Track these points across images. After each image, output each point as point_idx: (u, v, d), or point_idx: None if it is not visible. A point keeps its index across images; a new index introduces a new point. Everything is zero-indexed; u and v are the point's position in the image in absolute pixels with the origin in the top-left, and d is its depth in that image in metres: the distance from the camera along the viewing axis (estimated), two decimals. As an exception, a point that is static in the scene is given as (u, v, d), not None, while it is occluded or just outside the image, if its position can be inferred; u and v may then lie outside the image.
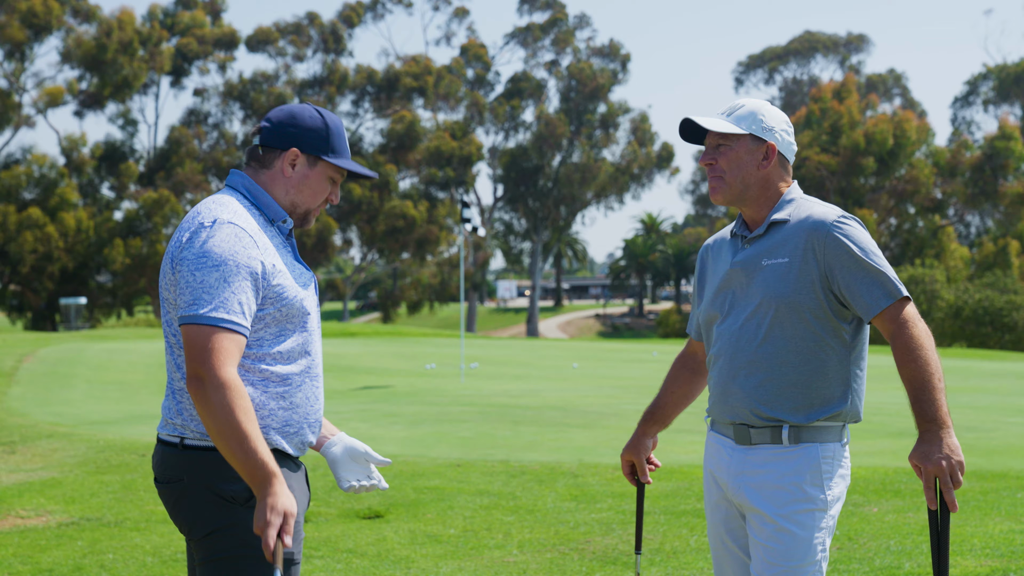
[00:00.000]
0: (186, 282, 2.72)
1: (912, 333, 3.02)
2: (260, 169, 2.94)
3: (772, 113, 3.22)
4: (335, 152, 2.94)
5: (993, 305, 43.24)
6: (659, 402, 3.56)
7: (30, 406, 13.82)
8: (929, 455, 2.94)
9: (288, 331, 2.84)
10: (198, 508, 2.80)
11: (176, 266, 2.75)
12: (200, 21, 62.54)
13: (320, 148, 2.92)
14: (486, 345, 33.92)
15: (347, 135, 3.00)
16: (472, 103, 66.43)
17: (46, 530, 7.03)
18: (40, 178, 54.76)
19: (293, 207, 2.95)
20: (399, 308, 66.95)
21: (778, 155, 3.22)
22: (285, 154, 2.91)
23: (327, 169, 2.95)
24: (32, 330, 50.42)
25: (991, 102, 68.79)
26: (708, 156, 3.22)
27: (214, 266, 2.70)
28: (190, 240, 2.75)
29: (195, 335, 2.68)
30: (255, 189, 2.91)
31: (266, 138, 2.93)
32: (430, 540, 6.65)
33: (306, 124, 2.92)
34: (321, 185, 2.95)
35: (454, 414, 13.07)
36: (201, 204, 2.86)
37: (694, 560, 6.07)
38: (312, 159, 2.93)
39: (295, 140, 2.91)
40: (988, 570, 5.65)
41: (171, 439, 2.85)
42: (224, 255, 2.71)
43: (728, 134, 3.18)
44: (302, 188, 2.93)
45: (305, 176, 2.93)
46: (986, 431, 11.53)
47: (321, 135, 2.92)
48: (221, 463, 2.76)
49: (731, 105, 3.25)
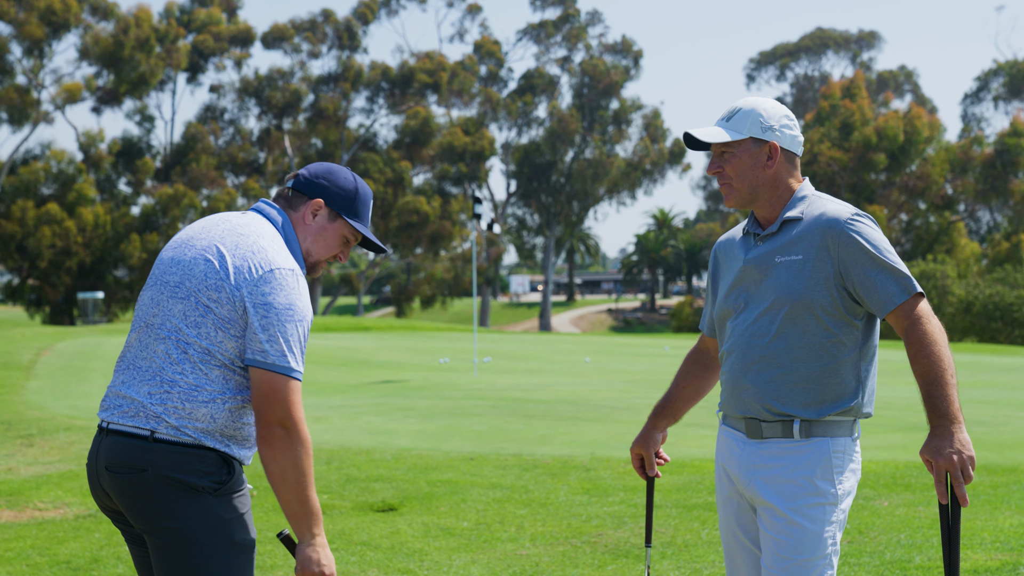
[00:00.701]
0: (276, 330, 2.88)
1: (926, 329, 3.04)
2: (287, 210, 3.10)
3: (770, 110, 3.21)
4: (356, 216, 3.12)
5: (1004, 300, 43.13)
6: (670, 397, 3.59)
7: (48, 399, 13.92)
8: (940, 450, 2.96)
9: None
10: (163, 498, 2.88)
11: (255, 304, 2.88)
12: (216, 18, 62.72)
13: (343, 207, 3.10)
14: (499, 339, 33.96)
15: (371, 205, 3.23)
16: (485, 99, 66.44)
17: (64, 522, 7.10)
18: (58, 174, 55.07)
19: (307, 254, 3.11)
20: (413, 303, 67.03)
21: (782, 152, 3.22)
22: (311, 202, 3.08)
23: (344, 228, 3.12)
24: (50, 324, 50.72)
25: (1002, 98, 68.48)
26: (714, 165, 3.24)
27: (299, 320, 2.91)
28: (272, 283, 2.90)
29: (279, 385, 2.87)
30: (290, 232, 3.07)
31: (299, 184, 3.10)
32: (443, 533, 6.70)
33: (338, 182, 3.10)
34: (335, 240, 3.12)
35: (467, 408, 13.12)
36: (258, 233, 2.99)
37: (705, 553, 6.10)
38: (333, 214, 3.10)
39: (323, 192, 3.09)
40: (998, 564, 5.67)
41: (139, 431, 2.91)
42: (304, 310, 2.93)
43: (730, 140, 3.20)
44: (318, 239, 3.10)
45: (323, 228, 3.10)
46: (996, 425, 11.53)
47: (349, 196, 3.10)
48: (189, 457, 2.89)
49: (729, 108, 3.25)
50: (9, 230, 52.05)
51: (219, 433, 2.92)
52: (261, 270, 2.90)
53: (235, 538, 2.92)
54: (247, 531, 2.96)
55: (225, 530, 2.91)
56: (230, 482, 2.94)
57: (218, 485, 2.91)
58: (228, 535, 2.91)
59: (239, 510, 2.96)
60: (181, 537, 2.89)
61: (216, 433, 2.91)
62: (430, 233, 60.74)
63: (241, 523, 2.95)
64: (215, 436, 2.91)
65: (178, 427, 2.88)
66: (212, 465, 2.91)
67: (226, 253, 2.91)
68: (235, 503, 2.95)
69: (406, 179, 61.62)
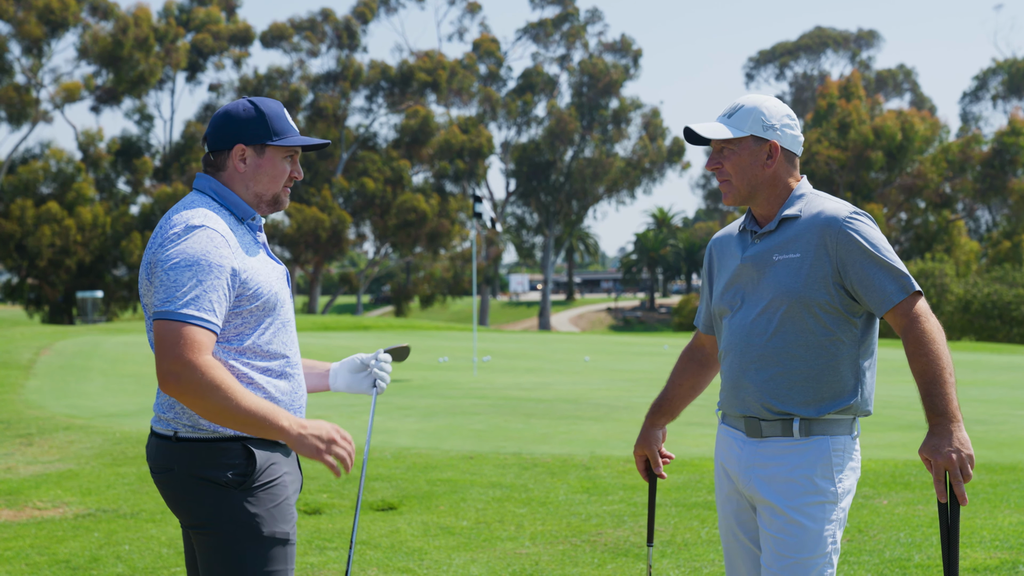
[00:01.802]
0: (160, 281, 2.82)
1: (924, 328, 3.04)
2: (217, 172, 3.05)
3: (772, 109, 3.21)
4: (278, 134, 3.03)
5: (1002, 299, 43.18)
6: (667, 394, 3.59)
7: (47, 399, 13.92)
8: (939, 448, 2.96)
9: (267, 323, 2.96)
10: (192, 495, 2.90)
11: (151, 270, 2.85)
12: (215, 17, 62.74)
13: (262, 135, 3.02)
14: (498, 339, 33.96)
15: (287, 115, 3.12)
16: (485, 98, 66.46)
17: (63, 521, 7.10)
18: (57, 173, 55.10)
19: (259, 198, 3.05)
20: (412, 302, 67.08)
21: (783, 151, 3.22)
22: (232, 152, 3.02)
23: (277, 152, 3.04)
24: (49, 323, 50.72)
25: (1000, 97, 68.56)
26: (714, 161, 3.24)
27: (187, 266, 2.80)
28: (163, 244, 2.85)
29: (167, 330, 2.77)
30: (222, 190, 3.02)
31: (211, 143, 3.04)
32: (443, 532, 6.70)
33: (241, 118, 3.02)
34: (277, 169, 3.04)
35: (467, 407, 13.12)
36: (172, 210, 2.96)
37: (705, 552, 6.10)
38: (259, 148, 3.02)
39: (236, 136, 3.01)
40: (998, 562, 5.67)
41: (165, 432, 2.96)
42: (197, 255, 2.81)
43: (731, 137, 3.19)
44: (259, 177, 3.03)
45: (258, 166, 3.03)
46: (995, 424, 11.53)
47: (259, 123, 3.02)
48: (211, 451, 2.88)
49: (731, 105, 3.25)
50: (8, 229, 52.07)
51: None
52: (153, 245, 2.88)
53: (265, 532, 2.88)
54: (278, 523, 2.91)
55: (254, 525, 2.87)
56: (255, 474, 2.89)
57: (242, 478, 2.88)
58: (257, 530, 2.87)
59: (268, 503, 2.90)
60: (211, 534, 2.89)
61: None
62: (429, 232, 60.76)
63: (271, 516, 2.90)
64: None
65: (193, 424, 2.90)
66: (236, 457, 2.88)
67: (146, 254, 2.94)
68: (263, 496, 2.90)
69: (405, 178, 61.63)
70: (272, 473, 2.94)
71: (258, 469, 2.90)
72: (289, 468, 3.02)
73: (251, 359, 2.93)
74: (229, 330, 2.90)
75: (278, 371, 2.98)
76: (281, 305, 3.01)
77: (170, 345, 2.76)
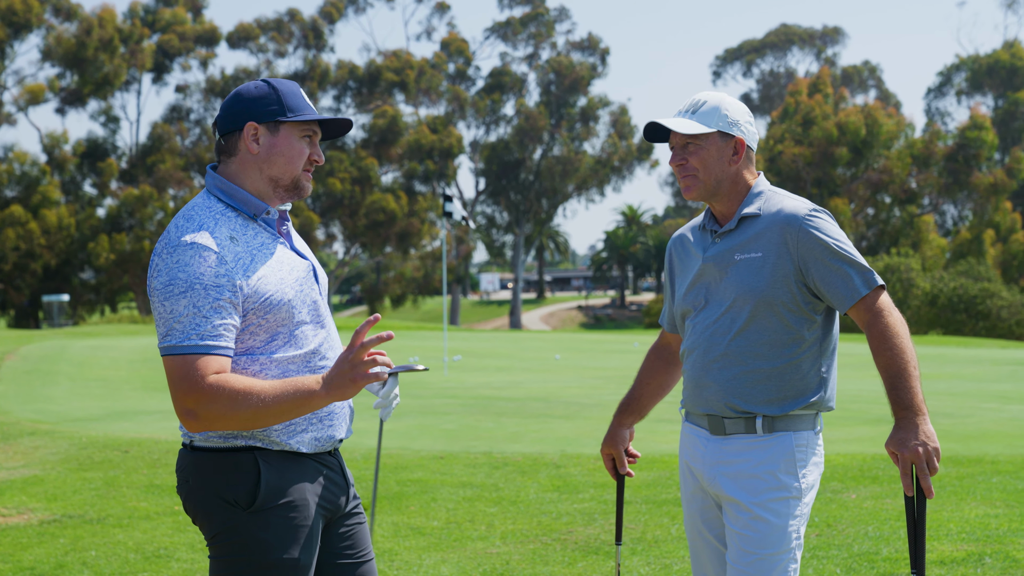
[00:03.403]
0: (158, 313, 2.65)
1: (887, 322, 3.06)
2: (229, 159, 2.80)
3: (734, 106, 3.24)
4: (293, 110, 2.78)
5: (968, 293, 43.63)
6: (634, 393, 3.59)
7: (12, 404, 13.77)
8: (905, 442, 2.97)
9: (281, 334, 2.74)
10: (205, 509, 2.74)
11: (150, 297, 2.68)
12: (181, 18, 62.27)
13: (275, 112, 2.77)
14: (469, 338, 33.93)
15: (304, 94, 2.86)
16: (453, 97, 66.40)
17: (28, 528, 7.02)
18: (22, 176, 54.52)
19: (276, 182, 2.80)
20: (383, 302, 66.90)
21: (746, 148, 3.25)
22: (243, 132, 2.77)
23: (293, 130, 2.79)
24: (15, 328, 50.12)
25: (964, 93, 69.26)
26: (678, 156, 3.23)
27: (181, 293, 2.61)
28: (156, 268, 2.66)
29: (173, 367, 2.61)
30: (229, 188, 2.78)
31: (222, 125, 2.80)
32: (413, 532, 6.68)
33: (253, 95, 2.78)
34: (294, 148, 2.79)
35: (437, 407, 13.09)
36: (174, 220, 2.75)
37: (675, 549, 6.11)
38: (272, 126, 2.77)
39: (247, 114, 2.77)
40: (964, 554, 5.72)
41: (184, 441, 2.81)
42: (191, 279, 2.61)
43: (700, 132, 3.20)
44: (274, 159, 2.78)
45: (272, 145, 2.78)
46: (962, 417, 11.64)
47: (272, 99, 2.77)
48: (225, 466, 2.71)
49: (692, 102, 3.26)
50: (-28, 234, 51.48)
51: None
52: (153, 259, 2.69)
53: (270, 558, 2.67)
54: (288, 549, 2.69)
55: (258, 550, 2.67)
56: (264, 495, 2.69)
57: (251, 498, 2.68)
58: (260, 555, 2.67)
59: (280, 527, 2.69)
60: (216, 554, 2.73)
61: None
62: (398, 231, 60.64)
63: (280, 542, 2.68)
64: (242, 432, 2.71)
65: (206, 435, 2.74)
66: (246, 473, 2.69)
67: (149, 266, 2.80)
68: (275, 520, 2.69)
69: (373, 176, 61.43)
70: (289, 494, 2.72)
71: (267, 490, 2.70)
72: (318, 486, 2.79)
73: (265, 367, 2.72)
74: (238, 345, 2.69)
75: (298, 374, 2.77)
76: (300, 309, 2.76)
77: (178, 381, 2.59)
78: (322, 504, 2.81)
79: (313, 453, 2.81)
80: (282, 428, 2.74)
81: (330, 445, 2.85)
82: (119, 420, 12.08)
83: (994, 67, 66.42)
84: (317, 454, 2.82)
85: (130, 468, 8.83)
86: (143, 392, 15.63)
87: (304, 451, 2.78)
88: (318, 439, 2.80)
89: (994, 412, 12.38)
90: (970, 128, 58.51)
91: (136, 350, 23.09)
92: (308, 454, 2.79)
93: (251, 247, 2.73)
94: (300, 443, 2.77)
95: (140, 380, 17.36)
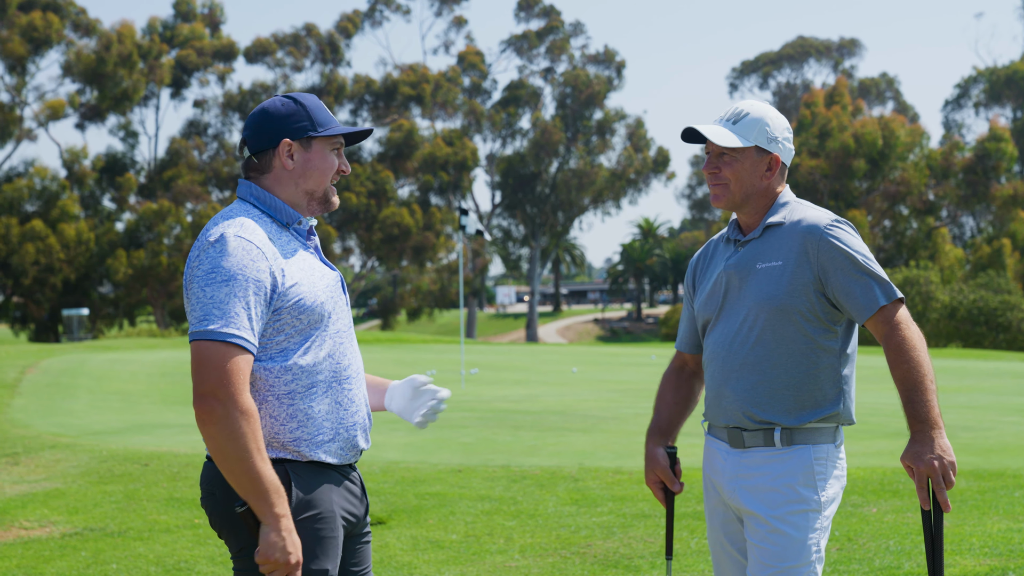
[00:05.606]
0: (196, 298, 2.68)
1: (904, 335, 3.06)
2: (262, 176, 2.88)
3: (776, 121, 3.22)
4: (322, 124, 2.89)
5: (988, 305, 43.36)
6: (660, 416, 3.49)
7: (33, 417, 13.85)
8: (921, 456, 2.98)
9: (312, 338, 2.79)
10: (227, 526, 2.77)
11: (188, 285, 2.72)
12: (199, 33, 62.68)
13: (307, 127, 2.87)
14: (486, 351, 33.94)
15: (325, 106, 2.97)
16: (469, 111, 66.55)
17: (50, 541, 7.06)
18: (42, 191, 54.91)
19: (310, 196, 2.90)
20: (399, 315, 66.96)
21: (780, 165, 3.25)
22: (278, 149, 2.86)
23: (324, 145, 2.90)
24: (35, 342, 50.44)
25: (982, 104, 68.95)
26: (712, 164, 3.23)
27: (223, 281, 2.66)
28: (199, 257, 2.72)
29: (207, 352, 2.63)
30: (264, 196, 2.86)
31: (253, 144, 2.88)
32: (432, 546, 6.69)
33: (282, 112, 2.87)
34: (325, 162, 2.90)
35: (455, 420, 13.11)
36: (212, 221, 2.82)
37: (695, 563, 6.11)
38: (305, 142, 2.88)
39: (281, 132, 2.86)
40: (987, 569, 5.69)
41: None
42: (233, 269, 2.67)
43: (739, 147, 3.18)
44: (309, 173, 2.88)
45: (307, 161, 2.88)
46: (983, 430, 11.57)
47: (301, 115, 2.87)
48: None
49: (734, 111, 3.24)
50: (-7, 248, 51.86)
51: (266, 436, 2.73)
52: (190, 257, 2.76)
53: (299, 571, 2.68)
54: (315, 561, 2.72)
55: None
56: (296, 506, 2.72)
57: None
58: None
59: (308, 539, 2.72)
60: (242, 567, 2.74)
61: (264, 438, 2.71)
62: (413, 245, 60.73)
63: (310, 553, 2.72)
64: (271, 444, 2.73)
65: None
66: None
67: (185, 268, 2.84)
68: (302, 532, 2.71)
69: (389, 190, 61.58)
70: (317, 505, 2.76)
71: (298, 502, 2.72)
72: (342, 499, 2.84)
73: (297, 376, 2.75)
74: (272, 347, 2.73)
75: (325, 387, 2.80)
76: (331, 316, 2.83)
77: (207, 366, 2.62)
78: (345, 516, 2.85)
79: (338, 464, 2.84)
80: (308, 438, 2.77)
81: (354, 455, 2.89)
82: (139, 433, 12.15)
83: (1012, 78, 66.15)
84: (341, 466, 2.86)
85: (150, 481, 8.88)
86: (162, 405, 15.71)
87: (332, 462, 2.81)
88: (343, 448, 2.84)
89: (1015, 425, 12.31)
90: (989, 139, 58.29)
91: (155, 363, 23.20)
92: (334, 465, 2.83)
93: (286, 250, 2.81)
94: (328, 453, 2.80)
95: (159, 393, 17.44)
